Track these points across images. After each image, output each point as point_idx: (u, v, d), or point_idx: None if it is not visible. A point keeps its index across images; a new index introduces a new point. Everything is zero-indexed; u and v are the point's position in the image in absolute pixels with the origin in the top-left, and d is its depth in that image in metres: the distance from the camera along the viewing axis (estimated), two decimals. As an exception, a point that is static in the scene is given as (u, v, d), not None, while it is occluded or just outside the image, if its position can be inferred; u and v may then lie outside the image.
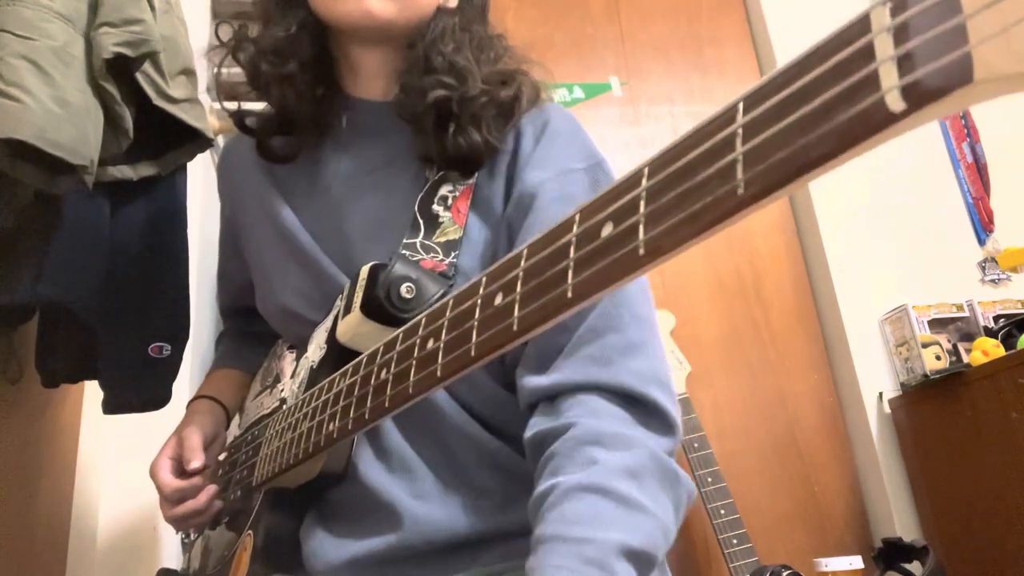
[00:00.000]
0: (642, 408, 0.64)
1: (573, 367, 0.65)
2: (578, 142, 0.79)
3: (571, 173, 0.75)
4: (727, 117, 0.28)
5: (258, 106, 0.87)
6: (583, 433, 0.60)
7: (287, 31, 0.79)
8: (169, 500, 0.83)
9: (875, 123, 0.23)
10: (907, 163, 2.25)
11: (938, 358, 1.86)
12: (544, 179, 0.74)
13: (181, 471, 0.84)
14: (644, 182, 0.31)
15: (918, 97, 0.22)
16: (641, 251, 0.30)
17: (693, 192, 0.28)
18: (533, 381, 0.67)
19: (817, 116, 0.24)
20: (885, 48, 0.23)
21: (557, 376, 0.65)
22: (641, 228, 0.30)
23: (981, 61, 0.21)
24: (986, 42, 0.20)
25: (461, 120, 0.76)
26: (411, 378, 0.50)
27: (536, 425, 0.65)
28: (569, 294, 0.35)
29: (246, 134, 0.87)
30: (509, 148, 0.79)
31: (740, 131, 0.27)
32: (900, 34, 0.23)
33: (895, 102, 0.22)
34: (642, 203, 0.31)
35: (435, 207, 0.77)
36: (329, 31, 0.82)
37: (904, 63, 0.22)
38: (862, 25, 0.24)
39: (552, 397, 0.66)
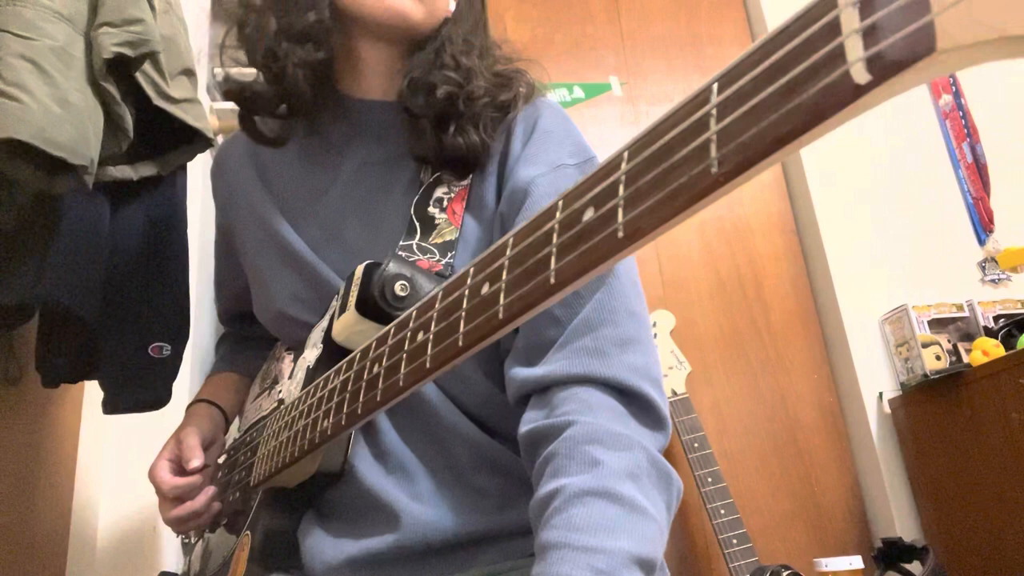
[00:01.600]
0: (636, 403, 0.63)
1: (567, 358, 0.65)
2: (569, 139, 0.79)
3: (563, 168, 0.75)
4: (702, 98, 0.28)
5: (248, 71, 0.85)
6: (582, 432, 0.59)
7: (321, 15, 0.77)
8: (168, 499, 0.83)
9: (841, 96, 0.23)
10: (907, 163, 2.25)
11: (938, 358, 1.86)
12: (536, 175, 0.74)
13: (180, 472, 0.84)
14: (624, 165, 0.31)
15: (882, 68, 0.22)
16: (620, 234, 0.30)
17: (669, 173, 0.28)
18: (523, 372, 0.67)
19: (787, 92, 0.24)
20: (851, 22, 0.23)
21: (549, 367, 0.65)
22: (620, 211, 0.31)
23: (943, 31, 0.21)
24: (948, 11, 0.20)
25: (463, 119, 0.77)
26: (401, 371, 0.51)
27: (531, 420, 0.64)
28: (552, 280, 0.35)
29: (239, 106, 0.84)
30: (500, 147, 0.80)
31: (714, 111, 0.27)
32: (865, 7, 0.23)
33: (860, 74, 0.22)
34: (621, 186, 0.31)
35: (431, 209, 0.77)
36: (341, 24, 0.81)
37: (869, 35, 0.23)
38: (828, 1, 0.24)
39: (544, 389, 0.65)
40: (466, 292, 0.44)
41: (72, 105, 0.75)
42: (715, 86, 0.28)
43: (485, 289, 0.41)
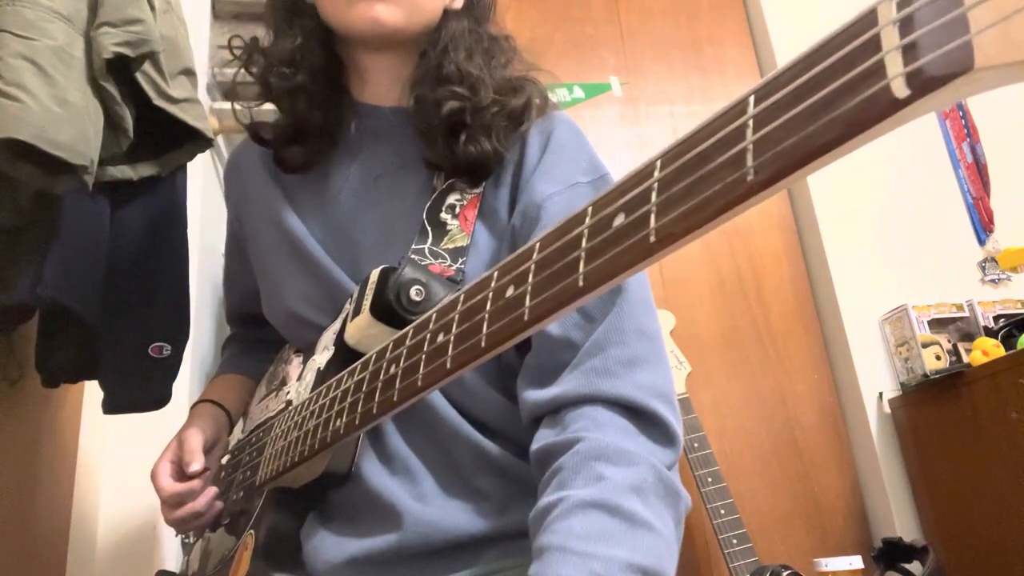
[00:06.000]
0: (645, 420, 0.64)
1: (577, 379, 0.66)
2: (584, 155, 0.80)
3: (577, 187, 0.76)
4: (738, 109, 0.29)
5: (265, 108, 0.87)
6: (589, 448, 0.60)
7: (294, 42, 0.80)
8: (168, 504, 0.83)
9: (881, 109, 0.23)
10: (907, 163, 2.25)
11: (938, 358, 1.86)
12: (551, 192, 0.75)
13: (181, 474, 0.84)
14: (656, 173, 0.32)
15: (922, 84, 0.23)
16: (652, 239, 0.31)
17: (704, 180, 0.29)
18: (536, 395, 0.68)
19: (825, 104, 0.25)
20: (891, 39, 0.24)
21: (561, 389, 0.66)
22: (652, 217, 0.31)
23: (981, 50, 0.21)
24: (985, 31, 0.21)
25: (472, 129, 0.77)
26: (420, 371, 0.51)
27: (542, 439, 0.65)
28: (580, 283, 0.36)
29: (263, 147, 0.87)
30: (514, 157, 0.80)
31: (751, 122, 0.28)
32: (905, 26, 0.23)
33: (900, 89, 0.23)
34: (654, 193, 0.32)
35: (443, 215, 0.78)
36: (337, 37, 0.82)
37: (908, 52, 0.23)
38: (869, 19, 0.25)
39: (556, 410, 0.66)
40: (490, 295, 0.45)
41: (72, 105, 0.74)
42: (752, 98, 0.29)
43: (510, 292, 0.42)
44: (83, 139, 0.75)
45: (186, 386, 1.35)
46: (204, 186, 1.55)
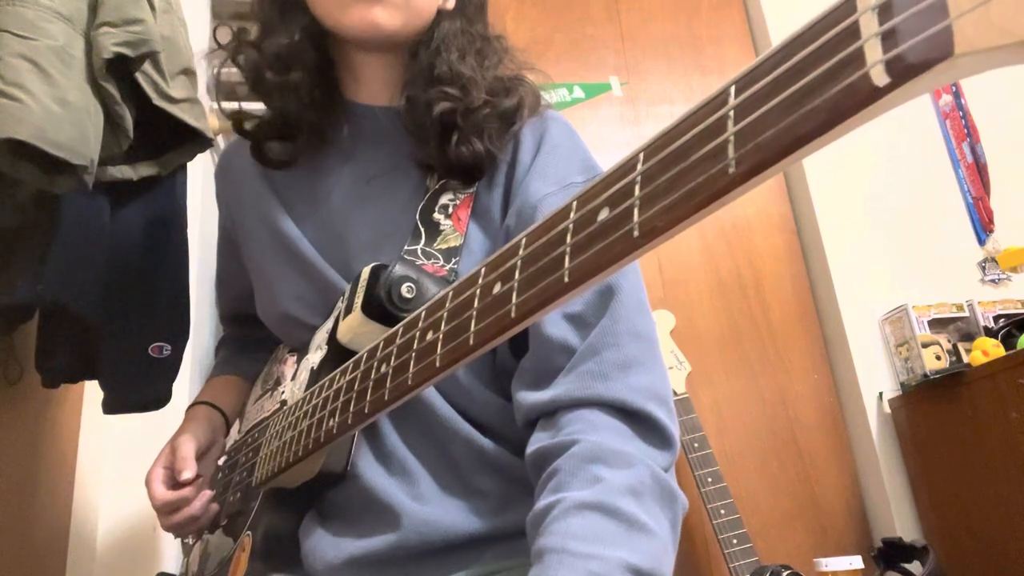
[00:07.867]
0: (640, 423, 0.64)
1: (571, 383, 0.65)
2: (577, 154, 0.79)
3: (572, 187, 0.75)
4: (719, 100, 0.29)
5: (256, 106, 0.87)
6: (585, 450, 0.60)
7: (291, 38, 0.79)
8: (161, 512, 0.83)
9: (861, 98, 0.23)
10: (907, 163, 2.25)
11: (938, 358, 1.86)
12: (546, 193, 0.74)
13: (175, 481, 0.84)
14: (639, 166, 0.32)
15: (902, 71, 0.22)
16: (636, 233, 0.31)
17: (686, 173, 0.29)
18: (531, 397, 0.68)
19: (805, 94, 0.25)
20: (870, 26, 0.24)
21: (555, 391, 0.66)
22: (636, 211, 0.31)
23: (961, 34, 0.21)
24: (965, 16, 0.21)
25: (464, 130, 0.77)
26: (410, 370, 0.51)
27: (537, 441, 0.65)
28: (566, 279, 0.36)
29: (244, 137, 0.86)
30: (507, 157, 0.80)
31: (731, 113, 0.28)
32: (884, 12, 0.23)
33: (879, 76, 0.23)
34: (637, 187, 0.32)
35: (436, 215, 0.78)
36: (331, 36, 0.82)
37: (888, 39, 0.23)
38: (848, 6, 0.25)
39: (551, 413, 0.66)
40: (477, 292, 0.44)
41: (72, 105, 0.75)
42: (732, 88, 0.28)
43: (497, 288, 0.42)
44: (83, 139, 0.75)
45: (186, 386, 1.36)
46: (204, 186, 1.56)
